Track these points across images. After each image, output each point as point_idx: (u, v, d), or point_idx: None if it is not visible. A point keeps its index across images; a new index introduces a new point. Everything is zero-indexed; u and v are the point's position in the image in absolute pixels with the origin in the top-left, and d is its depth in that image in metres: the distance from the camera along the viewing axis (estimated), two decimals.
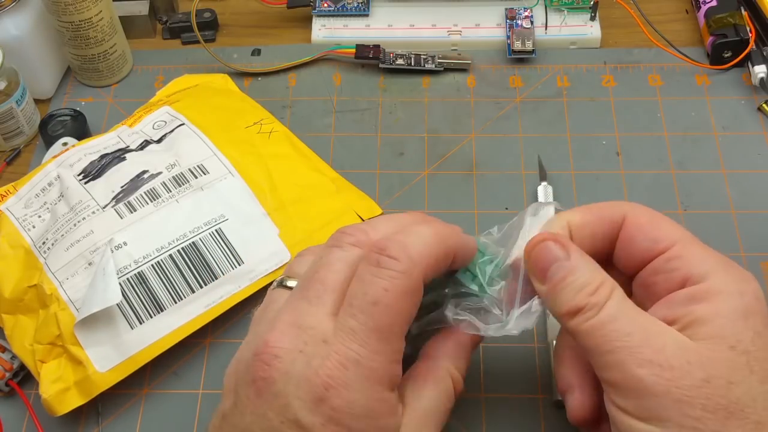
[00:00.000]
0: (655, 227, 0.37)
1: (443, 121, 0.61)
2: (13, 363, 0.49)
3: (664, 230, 0.37)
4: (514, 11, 0.65)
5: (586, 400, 0.38)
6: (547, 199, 0.55)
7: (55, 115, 0.60)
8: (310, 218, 0.53)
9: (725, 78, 0.62)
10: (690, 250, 0.36)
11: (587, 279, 0.35)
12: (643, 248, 0.37)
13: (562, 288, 0.36)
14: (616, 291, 0.35)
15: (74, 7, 0.57)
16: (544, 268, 0.36)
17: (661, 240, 0.37)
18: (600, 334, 0.34)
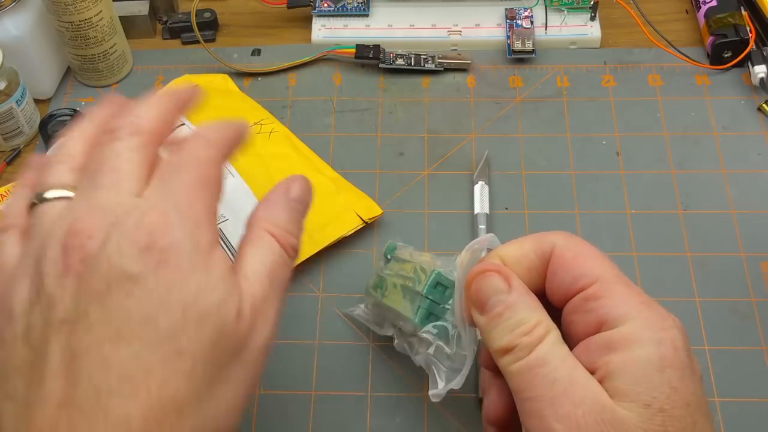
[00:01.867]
0: (578, 263, 0.35)
1: (443, 121, 0.61)
2: None
3: (586, 266, 0.35)
4: (514, 11, 0.65)
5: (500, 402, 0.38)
6: (483, 198, 0.55)
7: (55, 115, 0.60)
8: (309, 218, 0.53)
9: (725, 78, 0.62)
10: (609, 290, 0.34)
11: (523, 317, 0.34)
12: (565, 284, 0.35)
13: (497, 323, 0.35)
14: (551, 333, 0.34)
15: (74, 7, 0.58)
16: (483, 300, 0.36)
17: (581, 277, 0.35)
18: (526, 378, 0.33)
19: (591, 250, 0.36)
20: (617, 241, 0.54)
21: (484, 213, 0.54)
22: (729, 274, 0.52)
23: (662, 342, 0.32)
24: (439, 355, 0.43)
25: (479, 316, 0.36)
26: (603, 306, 0.34)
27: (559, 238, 0.36)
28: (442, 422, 0.47)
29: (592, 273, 0.35)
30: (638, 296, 0.34)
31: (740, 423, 0.47)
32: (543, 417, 0.32)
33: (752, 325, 0.50)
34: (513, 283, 0.35)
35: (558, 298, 0.36)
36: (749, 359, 0.49)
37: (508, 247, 0.37)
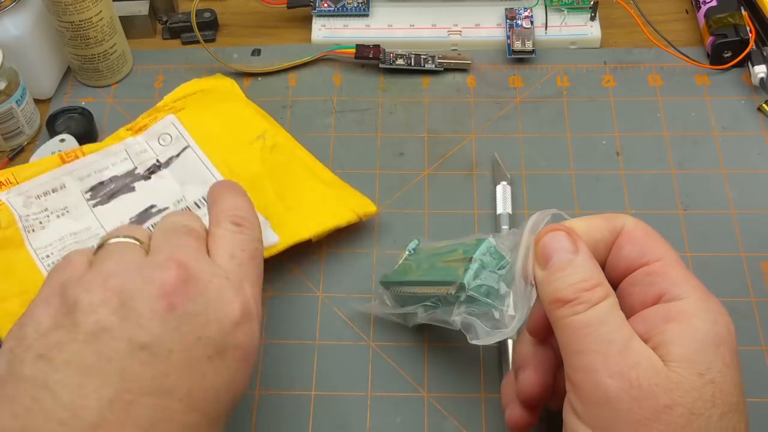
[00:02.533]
0: (647, 242, 0.38)
1: (443, 121, 0.61)
2: None
3: (653, 246, 0.37)
4: (514, 11, 0.65)
5: (537, 379, 0.39)
6: (506, 198, 0.55)
7: (64, 111, 0.60)
8: (303, 205, 0.53)
9: (725, 78, 0.62)
10: (672, 270, 0.36)
11: (586, 275, 0.36)
12: (630, 258, 0.37)
13: (560, 276, 0.36)
14: (611, 297, 0.35)
15: (74, 7, 0.57)
16: (549, 254, 0.37)
17: (647, 254, 0.37)
18: (582, 333, 0.34)
19: (659, 235, 0.38)
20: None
21: (507, 213, 0.54)
22: (729, 274, 0.52)
23: (718, 322, 0.34)
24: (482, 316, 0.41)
25: (541, 271, 0.37)
26: (665, 281, 0.36)
27: (631, 220, 0.39)
28: (442, 422, 0.47)
29: (658, 252, 0.37)
30: (696, 281, 0.36)
31: None
32: (594, 371, 0.33)
33: (752, 325, 0.50)
34: (579, 244, 0.37)
35: (619, 271, 0.38)
36: (749, 359, 0.49)
37: (578, 220, 0.39)
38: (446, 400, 0.48)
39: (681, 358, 0.33)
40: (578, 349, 0.34)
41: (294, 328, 0.50)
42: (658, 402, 0.32)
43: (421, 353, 0.50)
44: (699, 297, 0.35)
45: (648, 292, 0.36)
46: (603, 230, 0.38)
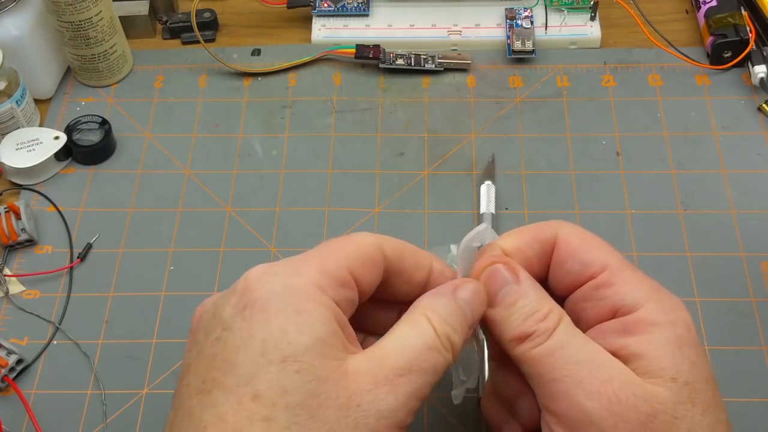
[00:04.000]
0: (586, 250, 0.36)
1: (443, 121, 0.61)
2: (9, 359, 0.49)
3: (594, 253, 0.36)
4: (514, 11, 0.65)
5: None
6: (490, 198, 0.55)
7: (82, 121, 0.60)
8: None
9: (725, 78, 0.62)
10: (620, 277, 0.35)
11: (536, 305, 0.35)
12: (574, 272, 0.36)
13: (511, 313, 0.35)
14: (565, 318, 0.35)
15: (74, 7, 0.57)
16: (494, 292, 0.36)
17: (590, 263, 0.36)
18: (548, 362, 0.33)
19: (594, 237, 0.37)
20: (617, 241, 0.54)
21: (490, 213, 0.54)
22: (729, 274, 0.52)
23: (676, 323, 0.34)
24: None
25: (490, 310, 0.36)
26: (616, 293, 0.35)
27: (562, 227, 0.37)
28: (442, 422, 0.47)
29: (601, 260, 0.35)
30: (647, 281, 0.35)
31: (740, 423, 0.47)
32: (571, 396, 0.32)
33: (752, 325, 0.50)
34: (519, 273, 0.36)
35: (564, 286, 0.36)
36: (749, 359, 0.49)
37: (508, 237, 0.37)
38: (446, 400, 0.48)
39: (651, 369, 0.33)
40: (549, 378, 0.33)
41: None
42: (639, 412, 0.32)
43: None
44: (653, 301, 0.34)
45: (601, 308, 0.35)
46: (534, 246, 0.37)
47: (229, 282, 0.53)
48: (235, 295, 0.33)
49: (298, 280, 0.32)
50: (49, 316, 0.52)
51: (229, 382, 0.30)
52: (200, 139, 0.61)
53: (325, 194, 0.57)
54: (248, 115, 0.62)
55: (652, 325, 0.34)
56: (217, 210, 0.57)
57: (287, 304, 0.31)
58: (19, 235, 0.54)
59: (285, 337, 0.30)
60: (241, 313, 0.32)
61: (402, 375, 0.32)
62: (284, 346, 0.30)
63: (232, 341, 0.31)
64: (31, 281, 0.54)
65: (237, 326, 0.31)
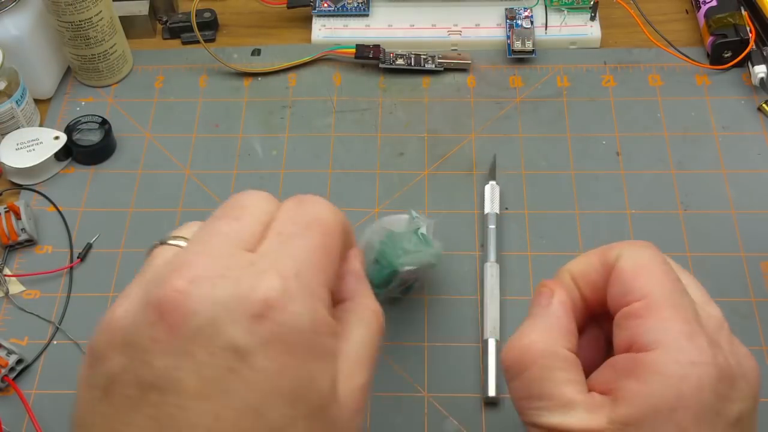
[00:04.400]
0: (633, 277, 0.33)
1: (443, 121, 0.61)
2: (9, 359, 0.49)
3: (638, 282, 0.33)
4: (514, 11, 0.65)
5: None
6: (494, 198, 0.55)
7: (82, 121, 0.60)
8: None
9: (725, 78, 0.62)
10: (653, 311, 0.32)
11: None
12: (615, 297, 0.34)
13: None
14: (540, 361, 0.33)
15: (74, 7, 0.57)
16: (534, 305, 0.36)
17: (630, 292, 0.33)
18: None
19: (654, 263, 0.33)
20: (617, 241, 0.54)
21: (495, 213, 0.54)
22: (729, 274, 0.52)
23: (686, 378, 0.30)
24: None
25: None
26: (638, 326, 0.32)
27: (626, 249, 0.34)
28: (442, 422, 0.47)
29: (642, 290, 0.33)
30: (683, 324, 0.31)
31: None
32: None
33: (752, 325, 0.50)
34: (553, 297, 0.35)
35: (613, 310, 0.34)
36: None
37: (577, 261, 0.36)
38: (446, 400, 0.48)
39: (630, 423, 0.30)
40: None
41: None
42: None
43: (421, 353, 0.50)
44: (672, 347, 0.31)
45: (622, 338, 0.32)
46: (598, 267, 0.35)
47: None
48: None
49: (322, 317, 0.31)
50: (49, 316, 0.52)
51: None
52: (200, 139, 0.61)
53: (325, 194, 0.57)
54: (248, 115, 0.62)
55: (656, 372, 0.30)
56: None
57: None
58: (19, 235, 0.54)
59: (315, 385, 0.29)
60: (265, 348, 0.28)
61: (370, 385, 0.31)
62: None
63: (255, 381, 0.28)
64: (31, 281, 0.54)
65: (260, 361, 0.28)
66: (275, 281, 0.27)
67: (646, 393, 0.30)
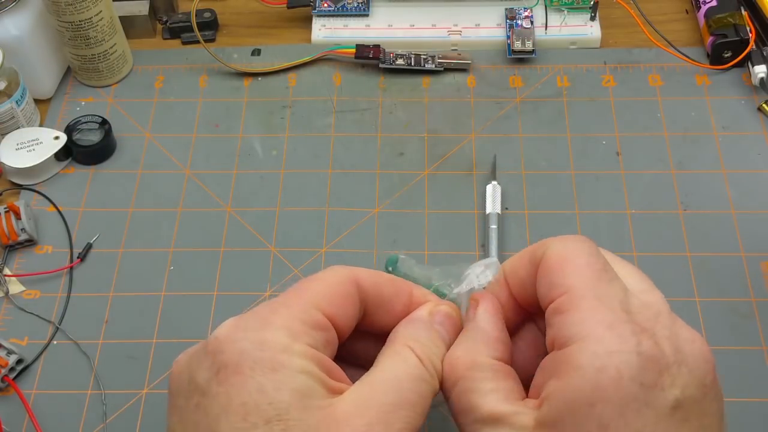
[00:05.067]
0: (557, 271, 0.32)
1: (443, 121, 0.61)
2: (9, 359, 0.49)
3: (561, 275, 0.32)
4: (514, 11, 0.65)
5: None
6: (495, 198, 0.55)
7: (82, 121, 0.60)
8: None
9: (725, 78, 0.62)
10: (574, 304, 0.31)
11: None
12: (541, 293, 0.33)
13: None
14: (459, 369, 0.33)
15: (74, 7, 0.57)
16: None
17: (555, 286, 0.32)
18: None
19: (577, 254, 0.32)
20: (617, 241, 0.54)
21: (496, 213, 0.54)
22: (729, 274, 0.52)
23: (603, 369, 0.28)
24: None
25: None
26: (561, 322, 0.31)
27: (552, 245, 0.33)
28: (442, 422, 0.47)
29: (564, 283, 0.31)
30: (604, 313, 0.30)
31: (740, 423, 0.47)
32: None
33: (752, 325, 0.50)
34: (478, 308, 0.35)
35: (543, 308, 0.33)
36: (749, 359, 0.49)
37: (510, 260, 0.36)
38: None
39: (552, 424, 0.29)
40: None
41: None
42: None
43: None
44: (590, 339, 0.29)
45: (549, 336, 0.31)
46: (527, 265, 0.34)
47: (230, 282, 0.53)
48: (207, 358, 0.31)
49: (269, 334, 0.31)
50: (49, 316, 0.52)
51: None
52: (200, 139, 0.61)
53: (325, 194, 0.57)
54: (248, 115, 0.62)
55: (572, 368, 0.29)
56: (217, 210, 0.57)
57: (261, 362, 0.30)
58: (19, 235, 0.54)
59: (264, 397, 0.29)
60: (216, 377, 0.30)
61: (393, 411, 0.30)
62: (265, 406, 0.29)
63: (212, 409, 0.30)
64: (31, 281, 0.54)
65: (214, 392, 0.30)
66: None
67: (564, 390, 0.29)
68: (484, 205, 0.55)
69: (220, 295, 0.52)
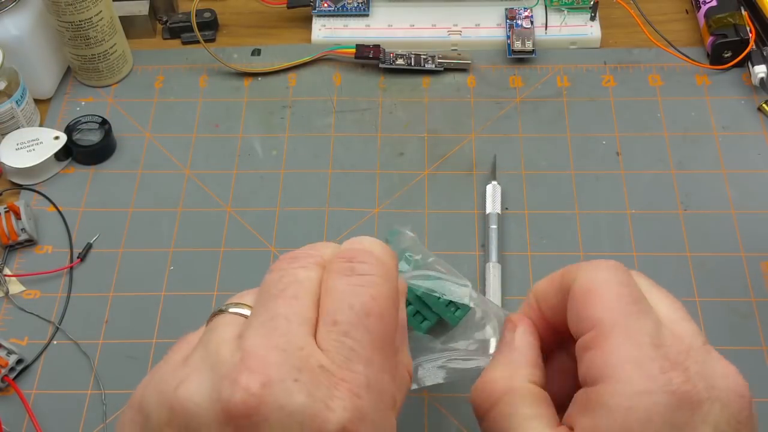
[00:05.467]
0: (584, 304, 0.31)
1: (443, 121, 0.61)
2: (9, 359, 0.49)
3: (589, 308, 0.31)
4: (514, 11, 0.65)
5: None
6: (495, 198, 0.55)
7: (81, 121, 0.60)
8: None
9: (725, 78, 0.62)
10: (602, 340, 0.30)
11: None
12: (572, 326, 0.32)
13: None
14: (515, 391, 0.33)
15: (74, 7, 0.57)
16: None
17: (582, 321, 0.31)
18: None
19: (607, 285, 0.32)
20: (617, 241, 0.54)
21: (496, 213, 0.54)
22: (729, 274, 0.52)
23: (632, 410, 0.28)
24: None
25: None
26: (590, 359, 0.30)
27: (581, 272, 0.32)
28: (442, 422, 0.47)
29: (592, 317, 0.31)
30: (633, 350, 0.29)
31: None
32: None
33: (752, 325, 0.50)
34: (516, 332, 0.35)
35: (575, 338, 0.33)
36: (749, 359, 0.49)
37: (541, 282, 0.35)
38: (446, 400, 0.48)
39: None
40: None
41: None
42: None
43: None
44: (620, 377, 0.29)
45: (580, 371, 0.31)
46: (557, 293, 0.34)
47: (230, 282, 0.53)
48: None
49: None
50: (49, 316, 0.52)
51: None
52: (200, 139, 0.61)
53: (325, 194, 0.57)
54: (248, 115, 0.62)
55: (601, 407, 0.29)
56: (217, 210, 0.57)
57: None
58: (19, 235, 0.54)
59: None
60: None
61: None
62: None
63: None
64: (31, 281, 0.54)
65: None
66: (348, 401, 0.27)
67: (594, 428, 0.29)
68: (484, 205, 0.55)
69: (220, 295, 0.52)
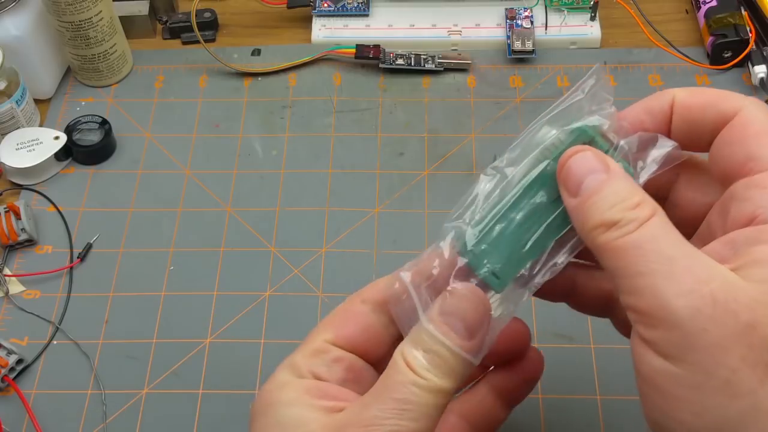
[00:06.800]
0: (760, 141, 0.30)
1: (443, 121, 0.61)
2: (9, 359, 0.49)
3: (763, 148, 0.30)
4: (514, 11, 0.65)
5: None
6: None
7: (81, 122, 0.60)
8: None
9: (725, 78, 0.62)
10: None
11: (627, 193, 0.30)
12: (733, 161, 0.30)
13: (597, 200, 0.30)
14: (660, 212, 0.30)
15: (74, 7, 0.58)
16: (579, 179, 0.32)
17: (755, 158, 0.30)
18: (635, 253, 0.28)
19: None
20: None
21: None
22: None
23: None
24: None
25: (573, 199, 0.32)
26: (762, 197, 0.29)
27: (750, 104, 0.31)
28: None
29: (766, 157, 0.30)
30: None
31: None
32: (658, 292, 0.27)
33: None
34: (610, 162, 0.32)
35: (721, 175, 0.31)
36: None
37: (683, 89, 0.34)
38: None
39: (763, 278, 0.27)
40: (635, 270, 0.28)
41: (293, 327, 0.50)
42: (738, 320, 0.26)
43: None
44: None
45: (742, 211, 0.29)
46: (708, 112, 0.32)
47: (230, 282, 0.53)
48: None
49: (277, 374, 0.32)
50: (49, 316, 0.52)
51: None
52: (200, 139, 0.61)
53: (325, 194, 0.57)
54: (248, 115, 0.62)
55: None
56: (217, 210, 0.57)
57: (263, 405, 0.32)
58: (19, 235, 0.54)
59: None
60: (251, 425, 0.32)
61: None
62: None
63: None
64: (31, 281, 0.54)
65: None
66: None
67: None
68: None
69: (220, 295, 0.53)
